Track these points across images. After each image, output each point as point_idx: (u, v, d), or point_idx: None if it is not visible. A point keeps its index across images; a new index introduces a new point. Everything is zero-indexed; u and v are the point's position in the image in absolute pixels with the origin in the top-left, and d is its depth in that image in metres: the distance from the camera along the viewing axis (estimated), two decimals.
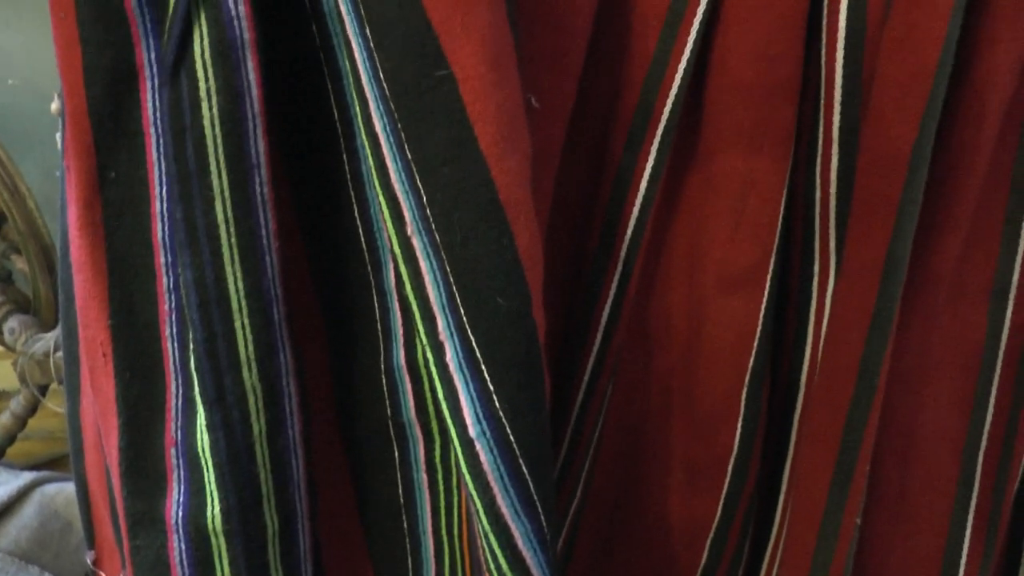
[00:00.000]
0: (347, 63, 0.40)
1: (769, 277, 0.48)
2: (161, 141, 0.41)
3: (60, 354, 1.02)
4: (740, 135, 0.45)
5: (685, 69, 0.44)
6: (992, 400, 0.53)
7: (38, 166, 1.22)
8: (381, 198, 0.40)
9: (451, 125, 0.35)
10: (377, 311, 0.45)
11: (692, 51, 0.43)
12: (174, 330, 0.42)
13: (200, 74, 0.39)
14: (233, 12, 0.39)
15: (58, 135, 1.06)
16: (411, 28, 0.35)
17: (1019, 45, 0.43)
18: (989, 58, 0.43)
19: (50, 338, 1.06)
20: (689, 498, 0.53)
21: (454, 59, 0.35)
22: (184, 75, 0.39)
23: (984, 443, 0.54)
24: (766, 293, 0.49)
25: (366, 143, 0.40)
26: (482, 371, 0.38)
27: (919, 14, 0.41)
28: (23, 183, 1.13)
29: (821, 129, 0.45)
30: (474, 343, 0.38)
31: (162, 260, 0.42)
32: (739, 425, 0.52)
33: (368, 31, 0.36)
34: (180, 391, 0.43)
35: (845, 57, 0.43)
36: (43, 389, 1.08)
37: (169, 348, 0.43)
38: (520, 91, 0.36)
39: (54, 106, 1.06)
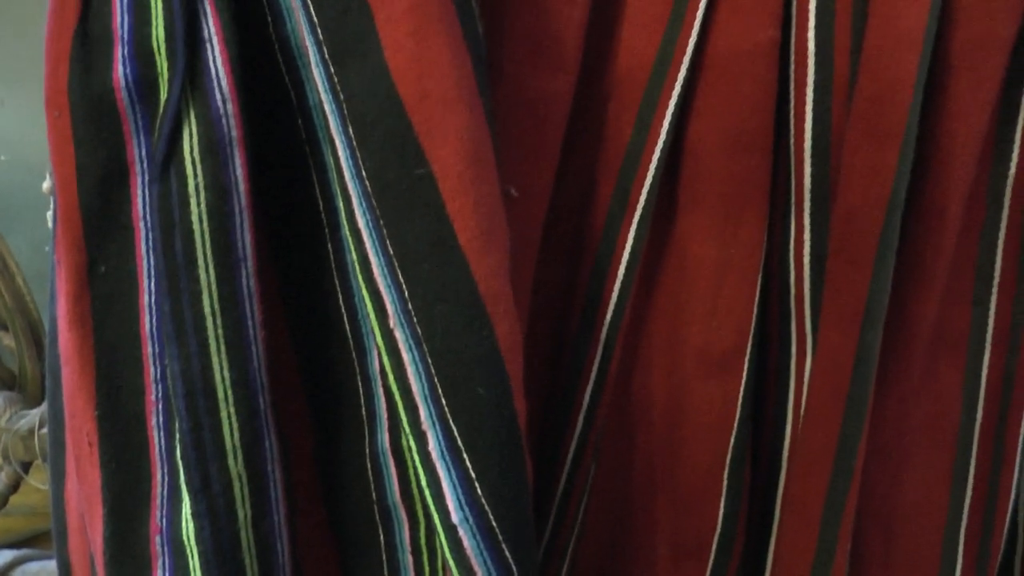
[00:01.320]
0: (331, 159, 0.41)
1: (747, 359, 0.49)
2: (150, 235, 0.42)
3: (44, 431, 1.02)
4: (714, 222, 0.46)
5: (659, 159, 0.45)
6: (971, 473, 0.53)
7: (28, 241, 1.23)
8: (364, 291, 0.41)
9: (431, 222, 0.37)
10: (362, 396, 0.46)
11: (665, 142, 0.45)
12: (160, 420, 0.43)
13: (189, 171, 0.41)
14: (221, 110, 0.41)
15: (48, 213, 1.07)
16: (392, 128, 0.37)
17: (976, 135, 0.44)
18: (949, 149, 0.44)
19: (35, 415, 1.06)
20: None
21: (433, 158, 0.36)
22: (173, 172, 0.41)
23: (965, 516, 0.54)
24: (744, 374, 0.50)
25: (349, 237, 0.41)
26: (464, 459, 0.39)
27: (879, 109, 0.42)
28: (12, 259, 1.14)
29: (793, 217, 0.47)
30: (456, 432, 0.39)
31: (149, 351, 0.43)
32: (722, 503, 0.52)
33: (351, 130, 0.38)
34: (166, 480, 0.44)
35: (812, 148, 0.45)
36: (26, 466, 1.08)
37: (155, 437, 0.43)
38: (497, 187, 0.38)
39: (45, 185, 1.07)
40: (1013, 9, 0.43)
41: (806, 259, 0.47)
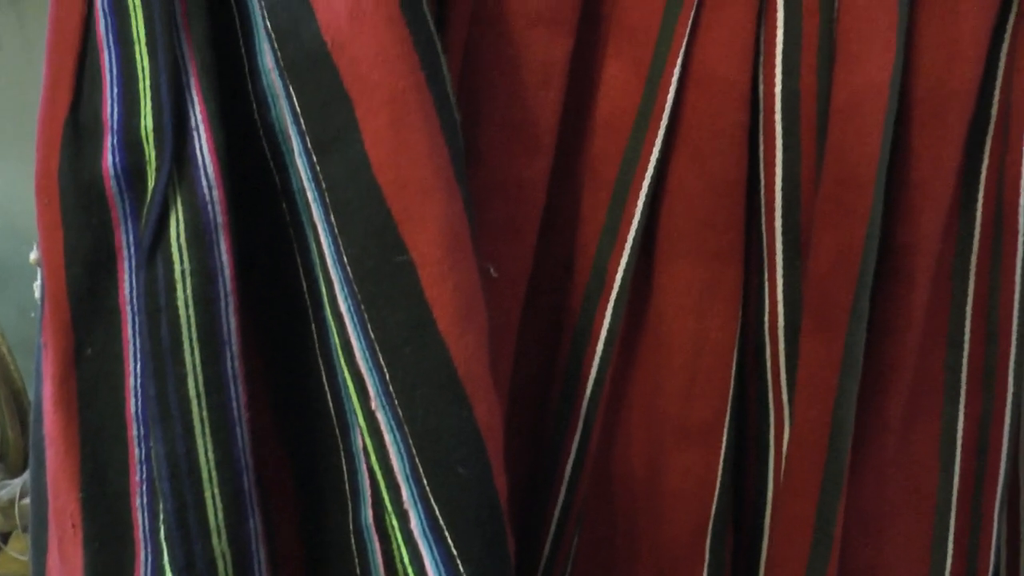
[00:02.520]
0: (314, 244, 0.42)
1: (726, 430, 0.50)
2: (137, 319, 0.42)
3: (25, 501, 1.01)
4: (690, 297, 0.48)
5: (634, 238, 0.46)
6: (951, 537, 0.54)
7: (14, 306, 1.24)
8: (346, 373, 0.41)
9: (411, 308, 0.38)
10: (346, 473, 0.46)
11: (640, 221, 0.46)
12: (145, 500, 0.43)
13: (175, 256, 0.42)
14: (207, 197, 0.42)
15: (35, 284, 1.08)
16: (372, 216, 0.38)
17: (940, 212, 0.46)
18: (914, 225, 0.46)
19: (16, 485, 1.05)
20: None
21: (413, 246, 0.37)
22: (160, 257, 0.42)
23: None
24: (724, 444, 0.50)
25: (331, 321, 0.42)
26: (446, 538, 0.40)
27: (845, 190, 0.44)
28: None
29: (766, 291, 0.48)
30: (437, 511, 0.39)
31: (134, 433, 0.43)
32: (705, 571, 0.53)
33: (332, 218, 0.39)
34: (149, 560, 0.44)
35: (783, 226, 0.46)
36: (5, 536, 1.06)
37: (139, 518, 0.44)
38: (475, 271, 0.39)
39: (33, 256, 1.08)
40: (966, 98, 0.45)
41: (780, 333, 0.48)
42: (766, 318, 0.48)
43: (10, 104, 1.26)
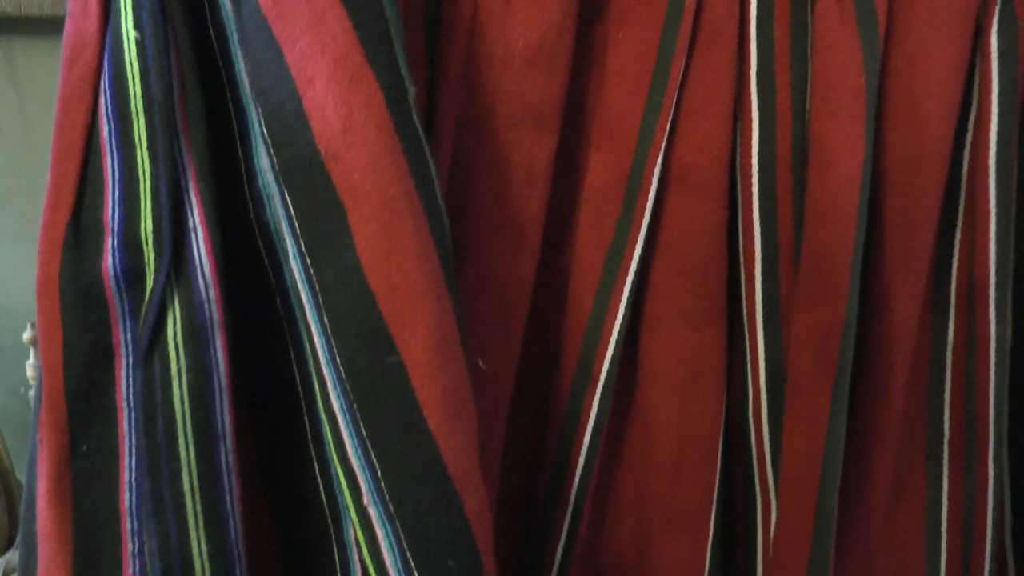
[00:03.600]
0: (307, 343, 0.43)
1: (713, 514, 0.51)
2: (133, 416, 0.43)
3: None
4: (674, 387, 0.49)
5: (619, 332, 0.48)
6: None
7: (5, 385, 1.24)
8: (339, 468, 0.42)
9: (402, 408, 0.39)
10: (338, 563, 0.47)
11: (624, 315, 0.48)
12: None
13: (172, 355, 0.43)
14: (204, 296, 0.43)
15: (28, 363, 1.08)
16: (364, 319, 0.39)
17: (915, 303, 0.48)
18: (890, 315, 0.47)
19: (1, 564, 1.04)
20: None
21: (403, 347, 0.38)
22: (157, 355, 0.43)
23: None
24: (711, 529, 0.51)
25: (324, 417, 0.43)
26: None
27: (823, 281, 0.45)
28: None
29: (750, 380, 0.49)
30: None
31: (128, 527, 0.44)
32: None
33: (325, 319, 0.40)
34: None
35: (764, 319, 0.48)
36: None
37: None
38: (465, 371, 0.40)
39: (26, 335, 1.08)
40: (937, 177, 0.47)
41: (764, 420, 0.49)
42: (750, 406, 0.49)
43: (6, 185, 1.28)
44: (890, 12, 0.45)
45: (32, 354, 1.03)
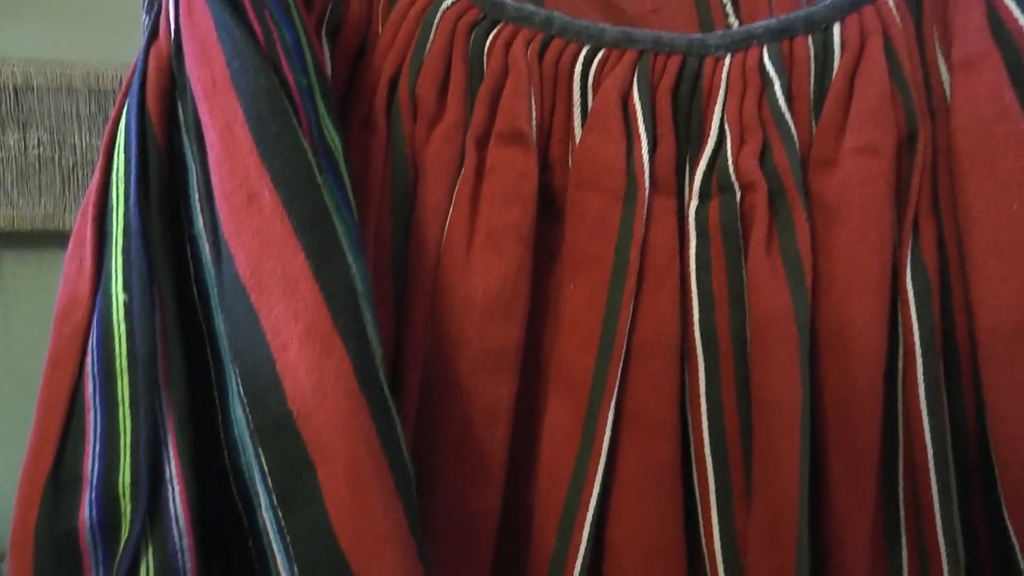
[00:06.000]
0: None
1: None
2: None
3: None
4: None
5: (581, 565, 0.49)
6: None
7: None
8: None
9: None
10: None
11: (586, 549, 0.49)
12: None
13: None
14: (178, 545, 0.45)
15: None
16: (332, 569, 0.41)
17: (865, 535, 0.50)
18: (841, 550, 0.49)
19: None
20: None
21: None
22: None
23: None
24: None
25: None
26: None
27: (774, 518, 0.48)
28: None
29: None
30: None
31: None
32: None
33: (295, 569, 0.42)
34: None
35: (723, 552, 0.49)
36: None
37: None
38: None
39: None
40: (872, 414, 0.50)
41: None
42: None
43: None
44: (816, 264, 0.50)
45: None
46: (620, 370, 0.49)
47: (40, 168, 1.54)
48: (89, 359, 0.47)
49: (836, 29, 0.52)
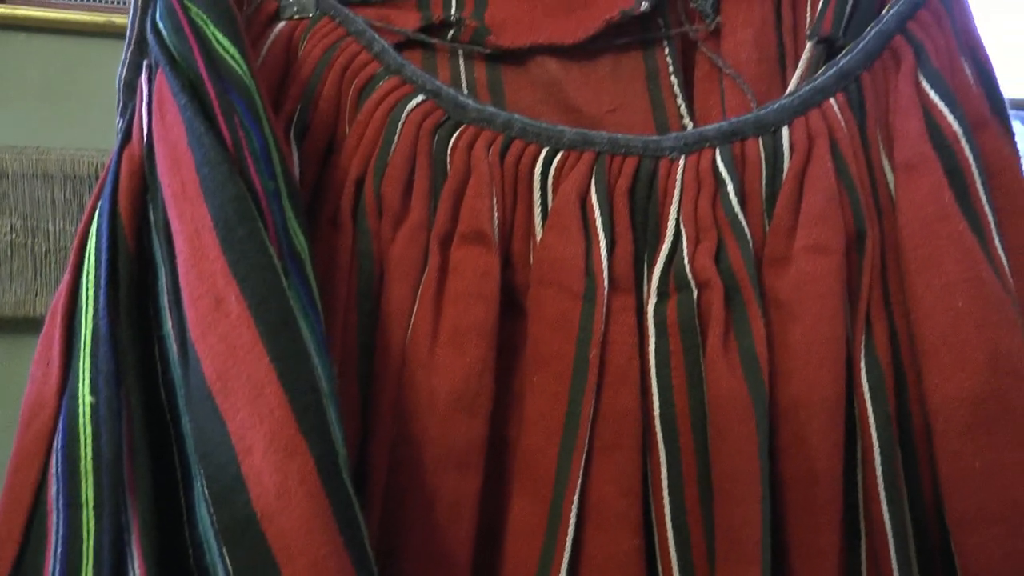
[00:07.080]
0: None
1: None
2: None
3: None
4: None
5: None
6: None
7: None
8: None
9: None
10: None
11: None
12: None
13: None
14: None
15: None
16: None
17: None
18: None
19: None
20: None
21: None
22: None
23: None
24: None
25: None
26: None
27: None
28: None
29: None
30: None
31: None
32: None
33: None
34: None
35: None
36: None
37: None
38: None
39: None
40: (832, 502, 0.51)
41: None
42: None
43: None
44: (771, 359, 0.51)
45: None
46: (583, 464, 0.50)
47: (12, 254, 1.55)
48: (53, 460, 0.47)
49: (785, 132, 0.55)
